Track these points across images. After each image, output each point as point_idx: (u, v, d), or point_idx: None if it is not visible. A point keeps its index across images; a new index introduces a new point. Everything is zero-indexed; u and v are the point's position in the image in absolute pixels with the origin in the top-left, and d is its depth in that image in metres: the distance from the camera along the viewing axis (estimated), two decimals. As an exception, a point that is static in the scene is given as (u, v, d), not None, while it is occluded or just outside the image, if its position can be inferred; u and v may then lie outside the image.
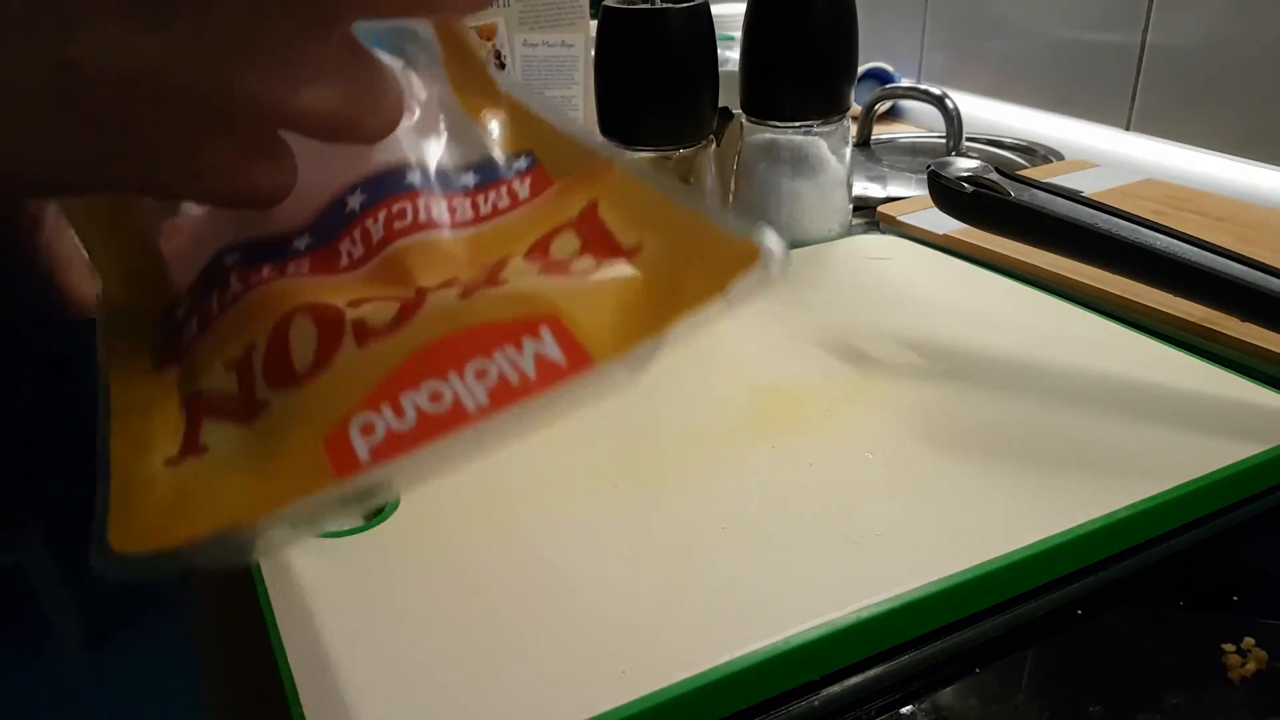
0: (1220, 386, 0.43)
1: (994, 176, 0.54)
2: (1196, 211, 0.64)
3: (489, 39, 0.63)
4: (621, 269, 0.23)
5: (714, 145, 0.62)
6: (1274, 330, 0.42)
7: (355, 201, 0.26)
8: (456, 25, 0.30)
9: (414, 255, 0.25)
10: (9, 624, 0.70)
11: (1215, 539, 0.37)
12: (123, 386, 0.24)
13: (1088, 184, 0.68)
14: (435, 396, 0.20)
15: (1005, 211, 0.53)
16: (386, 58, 0.24)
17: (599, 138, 0.33)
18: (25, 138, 0.19)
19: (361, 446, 0.20)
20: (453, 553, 0.34)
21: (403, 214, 0.26)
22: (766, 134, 0.63)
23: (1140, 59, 0.84)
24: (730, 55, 0.76)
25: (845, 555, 0.33)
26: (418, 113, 0.28)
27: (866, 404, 0.42)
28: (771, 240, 0.21)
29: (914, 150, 0.89)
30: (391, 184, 0.26)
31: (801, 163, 0.63)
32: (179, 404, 0.23)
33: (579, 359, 0.20)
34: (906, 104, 1.02)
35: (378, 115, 0.22)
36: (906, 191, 0.75)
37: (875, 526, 0.34)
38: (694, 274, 0.21)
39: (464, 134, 0.29)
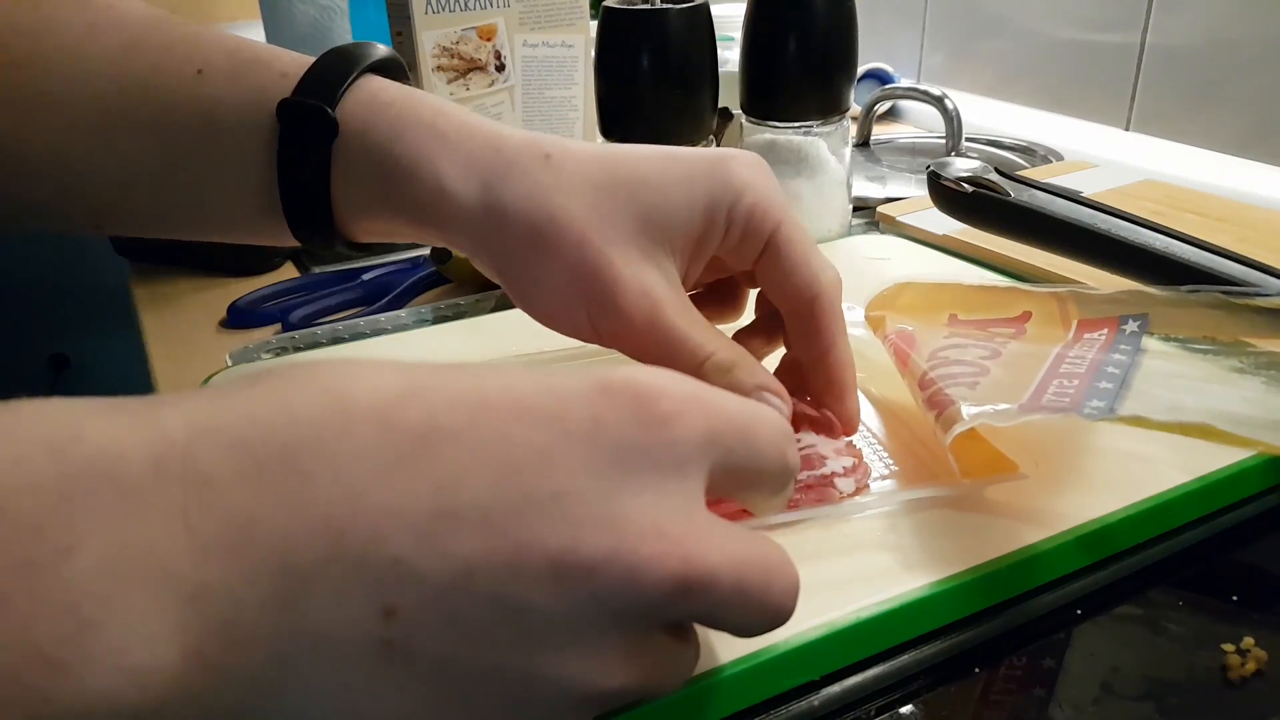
0: (1220, 387, 0.43)
1: (993, 177, 0.54)
2: (1196, 211, 0.64)
3: (489, 39, 0.63)
4: None
5: (714, 146, 0.62)
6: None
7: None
8: None
9: None
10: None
11: (1215, 539, 0.37)
12: None
13: (1087, 184, 0.68)
14: None
15: (1005, 212, 0.53)
16: None
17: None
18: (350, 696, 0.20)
19: None
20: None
21: None
22: (766, 134, 0.63)
23: (1140, 59, 0.84)
24: (730, 56, 0.76)
25: (845, 555, 0.33)
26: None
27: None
28: None
29: (913, 151, 0.89)
30: None
31: (801, 163, 0.63)
32: None
33: None
34: (906, 104, 1.02)
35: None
36: (906, 192, 0.75)
37: (876, 527, 0.34)
38: None
39: None
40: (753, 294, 0.41)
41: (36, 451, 0.18)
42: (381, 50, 0.38)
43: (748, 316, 0.40)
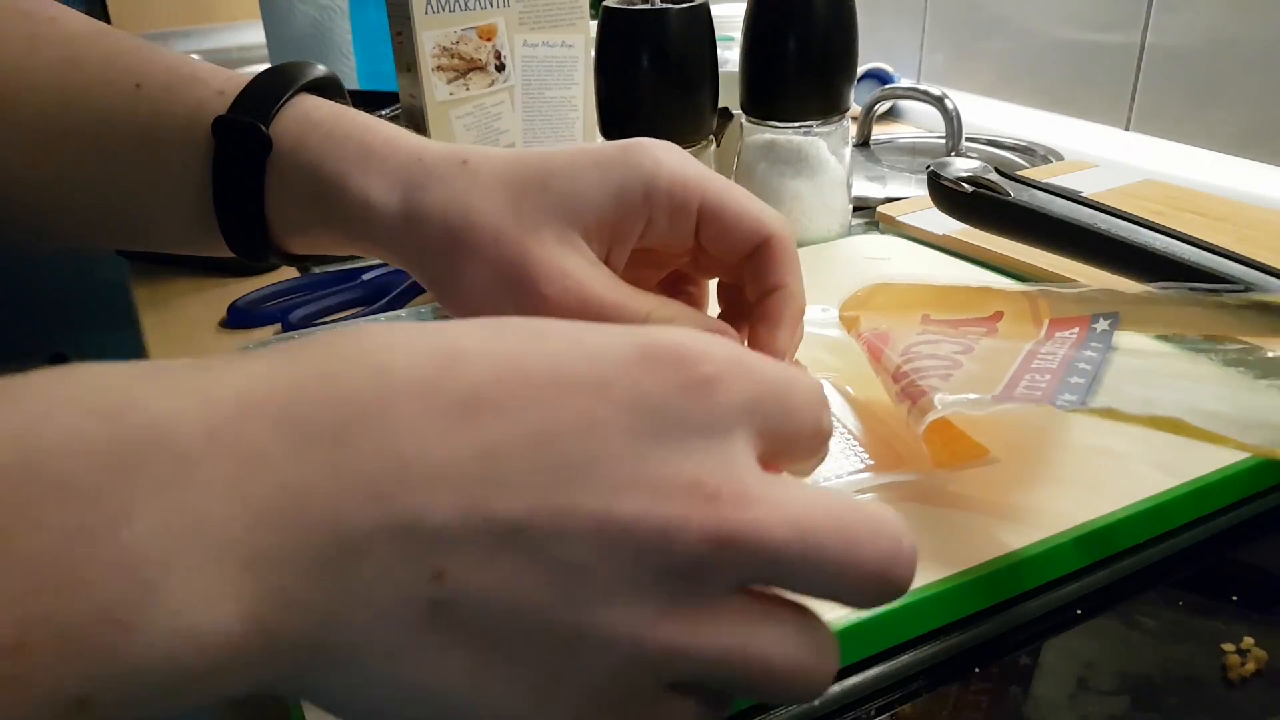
0: (1220, 387, 0.43)
1: (993, 177, 0.54)
2: (1195, 211, 0.64)
3: (488, 39, 0.63)
4: None
5: (714, 146, 0.62)
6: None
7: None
8: None
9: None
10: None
11: (1215, 539, 0.37)
12: None
13: (1087, 184, 0.68)
14: None
15: (1005, 212, 0.53)
16: None
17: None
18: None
19: None
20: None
21: None
22: (766, 134, 0.63)
23: (1140, 59, 0.84)
24: (730, 56, 0.76)
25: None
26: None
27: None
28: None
29: (913, 151, 0.89)
30: None
31: (801, 163, 0.63)
32: None
33: None
34: (906, 104, 1.02)
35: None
36: (906, 192, 0.75)
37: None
38: None
39: None
40: (714, 291, 0.41)
41: (90, 418, 0.18)
42: (319, 70, 0.39)
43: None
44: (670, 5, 0.57)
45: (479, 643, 0.20)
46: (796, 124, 0.62)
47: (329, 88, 0.39)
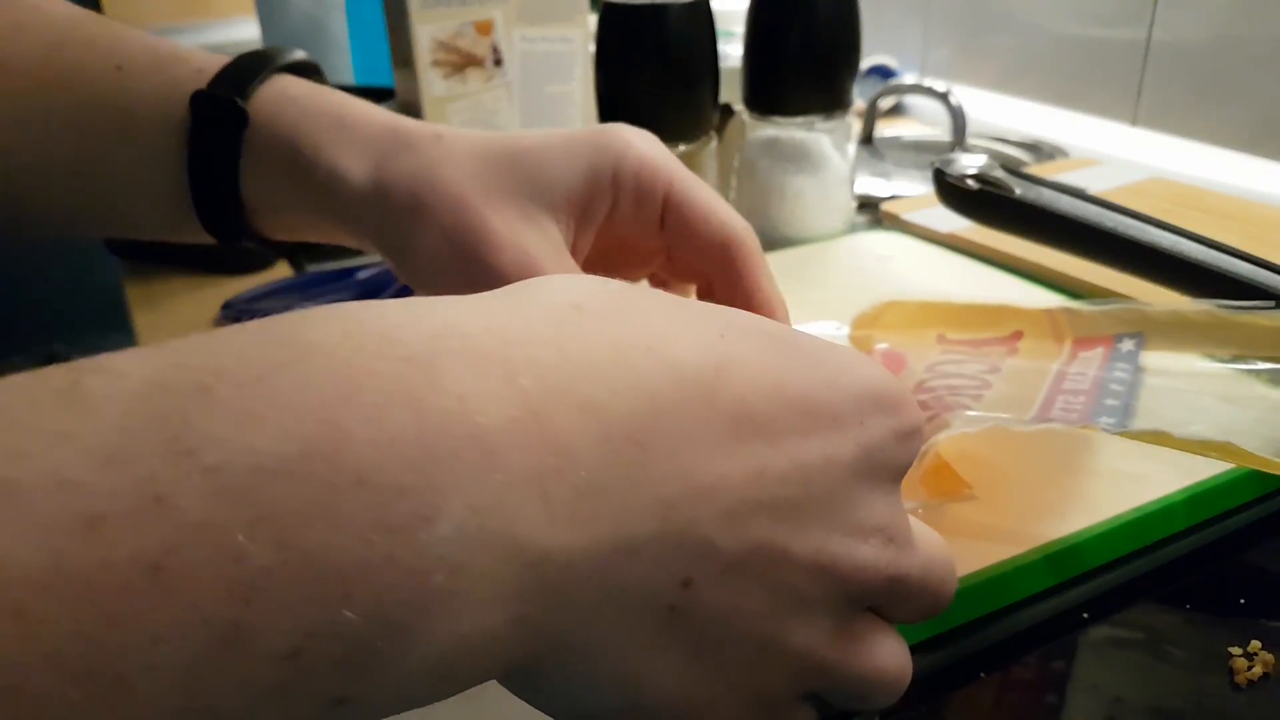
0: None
1: (999, 173, 0.54)
2: (1203, 209, 0.64)
3: (486, 34, 0.63)
4: None
5: (715, 142, 0.62)
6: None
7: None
8: None
9: None
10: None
11: (1222, 542, 0.36)
12: None
13: (1093, 181, 0.68)
14: None
15: (1011, 209, 0.52)
16: None
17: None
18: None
19: None
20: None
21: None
22: (769, 130, 0.62)
23: (1146, 54, 0.83)
24: (731, 51, 0.75)
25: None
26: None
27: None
28: None
29: (918, 147, 0.88)
30: None
31: (804, 159, 0.62)
32: None
33: None
34: (910, 100, 1.01)
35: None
36: (910, 189, 0.74)
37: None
38: None
39: None
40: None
41: (393, 400, 0.17)
42: (298, 53, 0.40)
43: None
44: (670, 0, 0.56)
45: (692, 646, 0.21)
46: (799, 120, 0.61)
47: (308, 70, 0.40)
